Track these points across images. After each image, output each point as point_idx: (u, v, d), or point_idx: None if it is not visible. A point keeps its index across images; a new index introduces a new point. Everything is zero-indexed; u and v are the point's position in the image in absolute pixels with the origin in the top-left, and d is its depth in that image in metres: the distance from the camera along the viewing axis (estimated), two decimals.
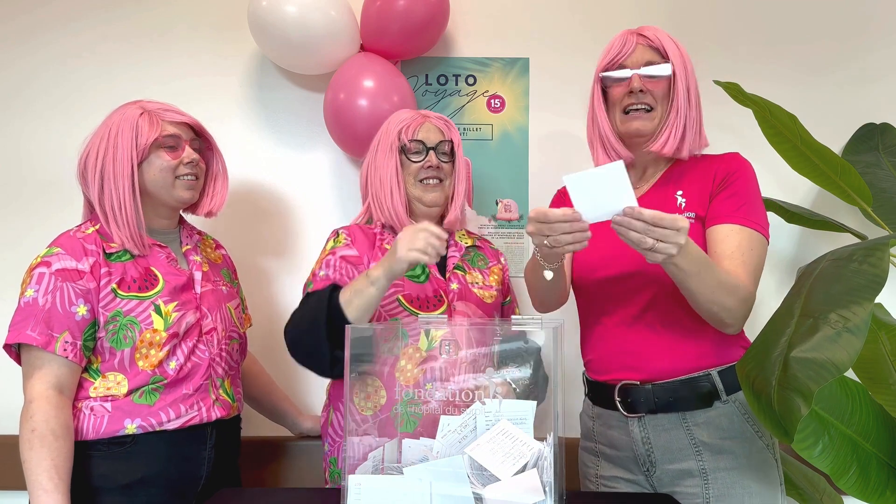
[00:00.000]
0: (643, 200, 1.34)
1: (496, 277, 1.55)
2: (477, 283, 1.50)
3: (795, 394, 0.94)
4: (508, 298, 1.61)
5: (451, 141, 1.50)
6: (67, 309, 1.26)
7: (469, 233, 1.61)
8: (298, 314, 1.36)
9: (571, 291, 1.45)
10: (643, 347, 1.29)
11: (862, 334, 0.93)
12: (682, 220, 1.06)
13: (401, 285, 1.42)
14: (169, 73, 1.99)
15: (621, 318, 1.32)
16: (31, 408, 1.23)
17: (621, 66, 1.31)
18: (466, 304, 1.45)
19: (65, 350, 1.25)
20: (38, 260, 1.29)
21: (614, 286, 1.32)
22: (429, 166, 1.45)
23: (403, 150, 1.46)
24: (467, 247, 1.55)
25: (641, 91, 1.29)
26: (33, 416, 1.22)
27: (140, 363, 1.30)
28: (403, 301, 1.41)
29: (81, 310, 1.27)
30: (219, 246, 1.60)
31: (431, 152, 1.46)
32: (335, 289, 1.33)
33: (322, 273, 1.41)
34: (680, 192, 1.32)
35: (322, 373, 1.36)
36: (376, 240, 1.48)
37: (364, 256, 1.44)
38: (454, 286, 1.46)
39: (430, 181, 1.46)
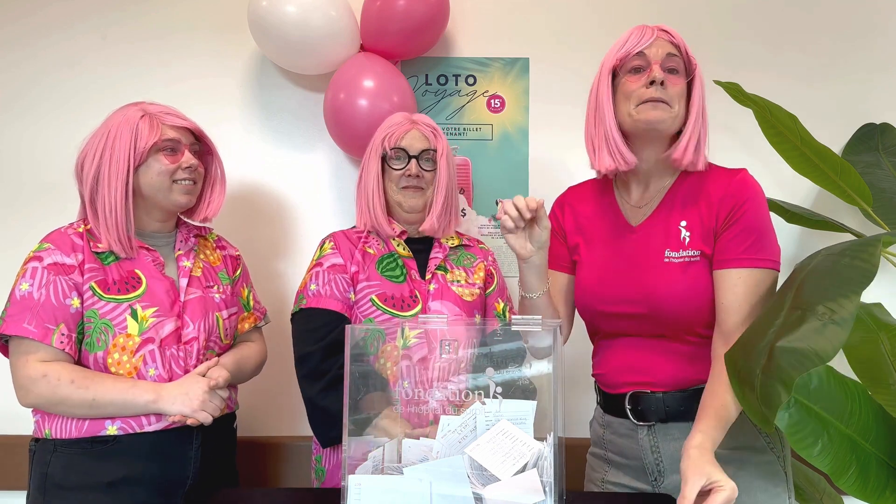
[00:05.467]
0: (646, 227, 1.29)
1: (480, 274, 1.56)
2: (458, 280, 1.51)
3: (777, 382, 0.95)
4: (491, 289, 1.58)
5: (435, 150, 1.50)
6: (62, 301, 1.28)
7: (459, 234, 1.62)
8: (326, 389, 1.38)
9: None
10: (653, 364, 1.27)
11: (847, 326, 0.94)
12: (732, 497, 0.99)
13: (376, 285, 1.45)
14: (169, 75, 1.99)
15: (628, 342, 1.30)
16: (50, 375, 1.25)
17: (639, 56, 1.21)
18: (443, 304, 1.46)
19: (61, 342, 1.27)
20: (32, 254, 1.32)
21: (620, 318, 1.29)
22: (409, 174, 1.47)
23: (385, 158, 1.49)
24: (453, 247, 1.56)
25: (662, 83, 1.18)
26: (60, 377, 1.25)
27: (112, 370, 1.30)
28: (377, 301, 1.43)
29: (75, 302, 1.29)
30: (222, 246, 1.57)
31: (413, 161, 1.47)
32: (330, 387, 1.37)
33: (313, 287, 1.46)
34: (684, 224, 1.25)
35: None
36: (358, 243, 1.52)
37: (347, 263, 1.48)
38: (432, 287, 1.48)
39: (409, 189, 1.48)
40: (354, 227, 1.57)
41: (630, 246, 1.29)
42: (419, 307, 1.44)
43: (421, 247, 1.53)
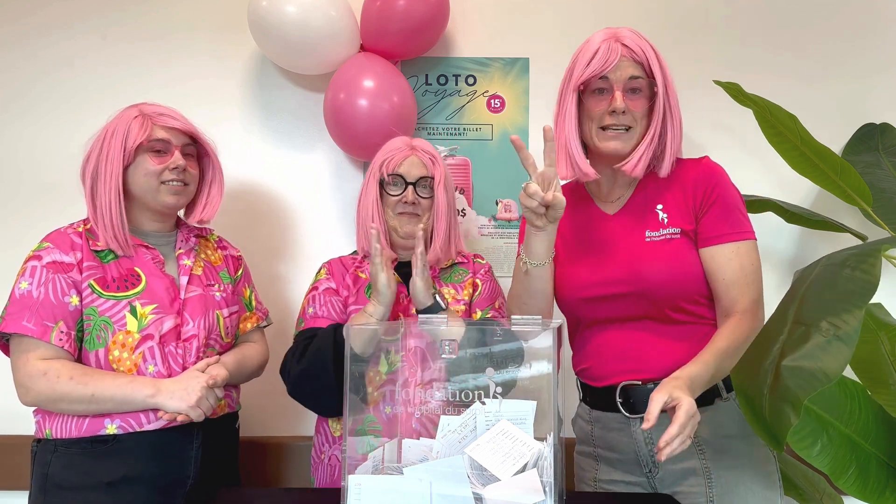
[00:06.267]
0: (623, 213, 1.35)
1: (469, 290, 1.54)
2: (446, 299, 1.49)
3: (785, 403, 0.95)
4: (483, 312, 1.53)
5: (433, 177, 1.49)
6: (61, 299, 1.29)
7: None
8: (300, 357, 1.40)
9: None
10: (642, 349, 1.29)
11: (852, 342, 0.93)
12: (691, 411, 1.06)
13: (361, 305, 1.45)
14: (170, 75, 1.99)
15: (617, 328, 1.32)
16: (50, 372, 1.25)
17: (603, 79, 1.26)
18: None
19: (60, 340, 1.28)
20: (32, 254, 1.33)
21: (605, 302, 1.31)
22: (405, 202, 1.46)
23: (382, 184, 1.49)
24: (444, 268, 1.55)
25: (623, 112, 1.25)
26: (59, 374, 1.25)
27: (113, 367, 1.30)
28: None
29: (74, 300, 1.30)
30: (223, 246, 1.58)
31: (410, 188, 1.46)
32: (337, 328, 1.38)
33: (311, 310, 1.48)
34: (660, 207, 1.31)
35: (327, 411, 1.45)
36: (351, 268, 1.53)
37: (339, 288, 1.50)
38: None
39: (405, 216, 1.47)
40: (354, 252, 1.59)
41: (609, 232, 1.34)
42: (402, 331, 1.43)
43: (410, 270, 1.49)
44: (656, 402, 1.07)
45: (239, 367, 1.46)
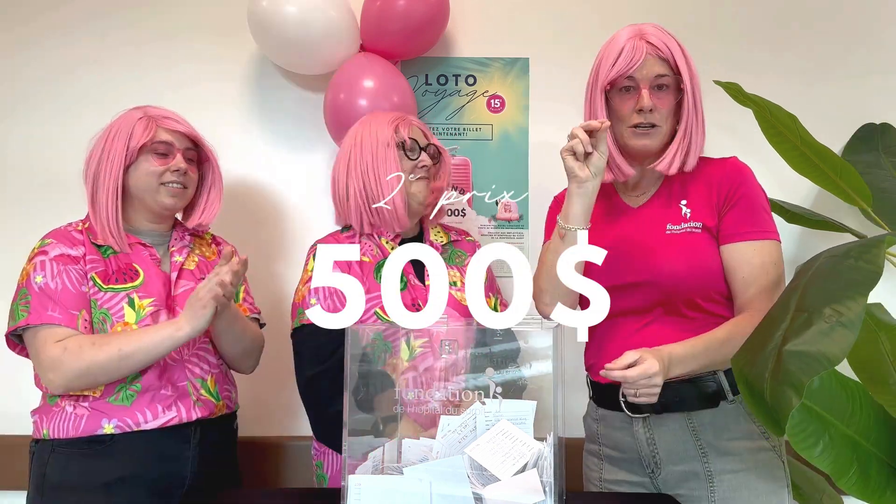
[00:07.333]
0: (646, 207, 1.35)
1: None
2: (454, 283, 1.45)
3: (787, 386, 0.95)
4: (495, 300, 1.53)
5: (435, 145, 1.49)
6: (78, 288, 1.31)
7: (444, 227, 1.58)
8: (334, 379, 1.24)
9: None
10: (649, 345, 1.28)
11: (855, 328, 0.93)
12: (648, 372, 1.08)
13: (378, 296, 1.31)
14: (170, 76, 1.98)
15: (625, 323, 1.31)
16: (69, 346, 1.24)
17: (629, 78, 1.26)
18: (447, 309, 1.41)
19: (85, 328, 1.30)
20: (35, 251, 1.34)
21: (621, 291, 1.28)
22: (423, 165, 1.43)
23: (402, 146, 1.42)
24: (443, 244, 1.52)
25: (651, 110, 1.26)
26: (80, 345, 1.24)
27: None
28: (381, 313, 1.36)
29: (88, 290, 1.32)
30: (217, 242, 1.59)
31: (423, 152, 1.45)
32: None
33: (313, 302, 1.37)
34: (684, 202, 1.32)
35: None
36: None
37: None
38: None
39: (423, 180, 1.44)
40: (345, 228, 1.50)
41: (632, 224, 1.35)
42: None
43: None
44: (627, 357, 1.10)
45: (236, 312, 1.42)
